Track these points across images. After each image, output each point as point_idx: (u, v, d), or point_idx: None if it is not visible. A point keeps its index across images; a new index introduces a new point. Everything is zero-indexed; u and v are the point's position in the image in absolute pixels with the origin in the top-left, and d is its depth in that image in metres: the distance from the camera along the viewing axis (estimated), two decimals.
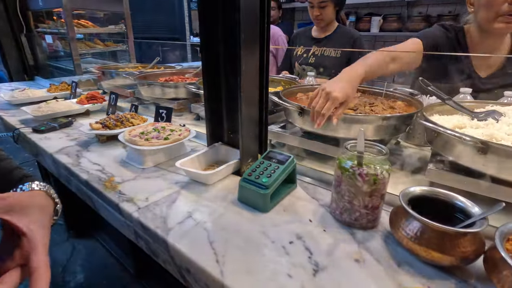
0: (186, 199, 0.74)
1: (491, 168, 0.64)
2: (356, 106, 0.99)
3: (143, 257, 1.57)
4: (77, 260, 2.00)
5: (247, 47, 0.74)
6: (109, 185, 0.80)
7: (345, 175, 0.61)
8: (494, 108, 0.87)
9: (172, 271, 0.62)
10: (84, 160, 0.95)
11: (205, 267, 0.53)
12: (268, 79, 0.84)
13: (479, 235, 0.51)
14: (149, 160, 0.92)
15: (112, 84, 1.83)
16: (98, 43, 2.20)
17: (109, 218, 0.79)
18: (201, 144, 1.10)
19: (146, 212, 0.68)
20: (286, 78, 1.50)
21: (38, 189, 0.53)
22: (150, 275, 1.66)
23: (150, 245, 0.66)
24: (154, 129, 1.01)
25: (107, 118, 1.12)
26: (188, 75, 1.71)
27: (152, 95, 1.50)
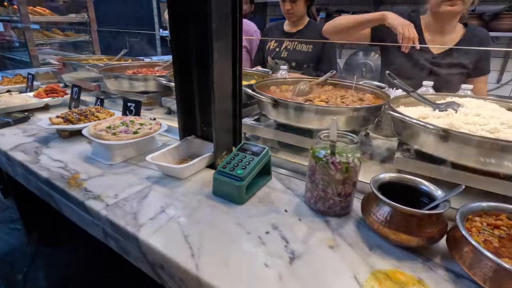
0: (159, 194, 0.71)
1: (452, 154, 0.69)
2: (328, 99, 1.01)
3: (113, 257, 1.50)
4: (38, 266, 1.86)
5: (219, 38, 0.72)
6: (74, 182, 0.75)
7: (318, 164, 0.62)
8: (453, 99, 0.93)
9: (145, 269, 0.60)
10: (44, 157, 0.88)
11: (179, 261, 0.51)
12: (242, 70, 0.82)
13: (443, 216, 0.55)
14: (117, 155, 0.87)
15: (75, 77, 1.71)
16: (57, 33, 2.03)
17: (74, 217, 0.74)
18: (173, 138, 1.07)
19: (115, 209, 0.64)
20: (259, 72, 1.49)
21: None
22: (121, 276, 1.59)
23: (120, 243, 0.63)
24: (122, 123, 0.96)
25: (70, 112, 1.04)
26: (158, 68, 1.65)
27: (120, 89, 1.42)
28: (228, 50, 0.77)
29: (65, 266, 1.85)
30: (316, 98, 1.01)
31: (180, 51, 0.82)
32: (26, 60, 1.96)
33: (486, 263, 0.43)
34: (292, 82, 1.26)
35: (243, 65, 0.84)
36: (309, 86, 1.12)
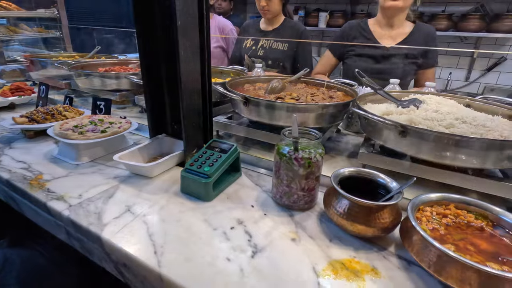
0: (125, 193, 0.71)
1: (411, 149, 0.72)
2: (299, 96, 1.03)
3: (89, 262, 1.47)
4: (10, 271, 1.79)
5: (185, 34, 0.72)
6: (36, 183, 0.73)
7: (283, 160, 0.63)
8: (416, 96, 0.97)
9: (109, 268, 0.60)
10: (6, 158, 0.85)
11: (141, 259, 0.51)
12: (210, 67, 0.83)
13: (396, 207, 0.57)
14: (84, 155, 0.85)
15: (44, 75, 1.64)
16: (25, 28, 1.95)
17: (37, 219, 0.72)
18: (145, 137, 1.05)
19: (78, 210, 0.63)
20: (234, 70, 1.50)
21: None
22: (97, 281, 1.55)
23: (84, 244, 0.62)
24: (90, 122, 0.94)
25: (35, 111, 1.01)
26: (131, 66, 1.62)
27: (91, 87, 1.38)
28: (195, 47, 0.77)
29: (37, 269, 1.79)
30: (287, 96, 1.03)
31: (148, 48, 0.81)
32: None
33: (430, 249, 0.46)
34: (266, 80, 1.27)
35: (220, 64, 0.85)
36: (281, 84, 1.14)
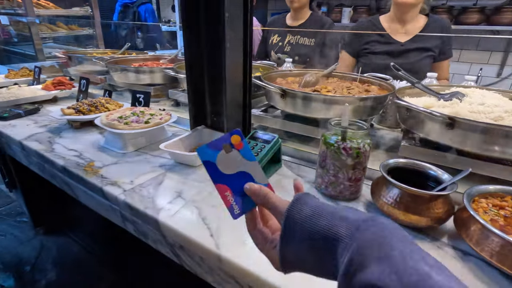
0: (173, 180, 0.73)
1: (457, 141, 0.71)
2: (335, 89, 1.03)
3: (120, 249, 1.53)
4: (47, 257, 1.89)
5: (232, 27, 0.74)
6: (90, 170, 0.77)
7: (330, 150, 0.64)
8: (458, 90, 0.95)
9: (164, 251, 0.62)
10: (58, 146, 0.90)
11: (200, 241, 0.53)
12: (252, 61, 0.84)
13: (450, 198, 0.57)
14: (129, 144, 0.89)
15: (80, 70, 1.72)
16: (61, 26, 2.04)
17: (91, 203, 0.76)
18: (182, 129, 1.09)
19: (133, 194, 0.67)
20: (264, 65, 1.51)
21: None
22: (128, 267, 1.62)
23: (139, 227, 0.65)
24: (132, 113, 0.98)
25: (80, 103, 1.06)
26: (162, 61, 1.66)
27: (126, 81, 1.44)
28: (239, 40, 0.79)
29: (72, 257, 1.88)
30: (323, 89, 1.03)
31: (192, 42, 0.83)
32: (30, 54, 1.97)
33: (493, 239, 0.46)
34: (297, 74, 1.28)
35: None
36: (315, 77, 1.14)
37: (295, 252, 0.32)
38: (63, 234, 2.02)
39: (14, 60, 2.07)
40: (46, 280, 1.73)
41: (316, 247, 0.30)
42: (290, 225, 0.32)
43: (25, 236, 2.05)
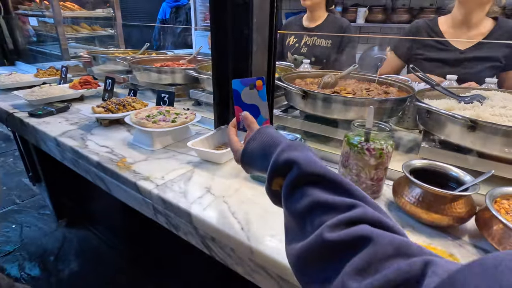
0: (201, 177, 0.78)
1: (478, 144, 0.72)
2: (354, 91, 1.05)
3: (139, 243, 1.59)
4: (69, 249, 1.98)
5: (258, 31, 0.77)
6: (122, 165, 0.82)
7: (353, 150, 0.67)
8: (478, 92, 0.96)
9: (194, 242, 0.67)
10: (91, 143, 0.95)
11: (231, 234, 0.57)
12: (275, 62, 0.87)
13: (471, 199, 0.59)
14: (157, 142, 0.94)
15: (103, 70, 1.79)
16: (85, 27, 2.12)
17: (123, 197, 0.81)
18: (204, 128, 1.13)
19: (165, 189, 0.71)
20: (282, 66, 1.54)
21: None
22: (146, 260, 1.68)
23: (171, 220, 0.69)
24: (159, 113, 1.02)
25: (109, 102, 1.11)
26: (182, 61, 1.71)
27: (148, 81, 1.49)
28: (265, 44, 0.82)
29: (92, 249, 1.96)
30: (342, 90, 1.05)
31: (219, 45, 0.87)
32: (56, 53, 2.05)
33: None
34: (316, 75, 1.30)
35: None
36: (334, 79, 1.16)
37: (252, 150, 0.50)
38: (84, 227, 2.11)
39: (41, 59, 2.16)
40: (69, 270, 1.82)
41: (264, 149, 0.47)
42: (256, 135, 0.51)
43: (49, 228, 2.14)
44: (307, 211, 0.37)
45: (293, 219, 0.39)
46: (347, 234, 0.31)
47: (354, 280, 0.27)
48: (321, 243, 0.32)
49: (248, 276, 0.58)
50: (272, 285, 0.54)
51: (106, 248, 1.96)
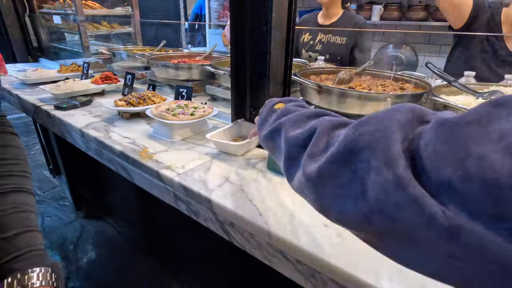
0: (219, 167, 0.81)
1: None
2: (369, 87, 1.06)
3: (154, 234, 1.64)
4: (87, 238, 2.06)
5: (277, 26, 0.79)
6: (145, 155, 0.86)
7: None
8: (497, 88, 0.95)
9: (214, 228, 0.70)
10: (114, 134, 1.00)
11: (250, 219, 0.60)
12: (292, 57, 0.89)
13: None
14: (177, 134, 0.98)
15: (122, 66, 1.85)
16: (104, 25, 2.19)
17: (145, 185, 0.85)
18: (220, 122, 1.16)
19: (186, 177, 0.74)
20: (296, 62, 1.55)
21: (40, 284, 0.40)
22: (161, 251, 1.73)
23: (191, 206, 0.73)
24: (178, 106, 1.06)
25: (130, 96, 1.16)
26: (198, 58, 1.75)
27: (166, 76, 1.53)
28: (283, 39, 0.84)
29: (108, 240, 2.03)
30: (357, 86, 1.06)
31: (238, 41, 0.89)
32: (77, 50, 2.13)
33: None
34: (331, 71, 1.31)
35: None
36: (349, 75, 1.17)
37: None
38: (101, 218, 2.18)
39: (63, 56, 2.25)
40: (87, 258, 1.89)
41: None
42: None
43: (68, 219, 2.23)
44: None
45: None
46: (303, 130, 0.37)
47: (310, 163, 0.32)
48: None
49: (266, 260, 0.61)
50: (289, 268, 0.56)
51: (122, 238, 2.02)
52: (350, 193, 0.26)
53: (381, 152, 0.22)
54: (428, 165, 0.20)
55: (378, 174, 0.22)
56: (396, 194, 0.21)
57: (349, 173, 0.26)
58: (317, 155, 0.31)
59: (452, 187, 0.18)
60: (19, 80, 1.59)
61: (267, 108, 0.52)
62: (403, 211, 0.21)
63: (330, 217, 0.30)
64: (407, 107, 0.25)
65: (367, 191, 0.24)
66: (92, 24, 2.11)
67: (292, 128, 0.39)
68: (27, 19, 2.24)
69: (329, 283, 0.51)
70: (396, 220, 0.21)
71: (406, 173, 0.21)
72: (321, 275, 0.52)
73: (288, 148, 0.38)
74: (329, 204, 0.29)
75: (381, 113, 0.26)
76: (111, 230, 2.11)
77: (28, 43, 2.27)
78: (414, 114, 0.24)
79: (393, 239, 0.23)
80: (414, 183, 0.20)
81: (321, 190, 0.29)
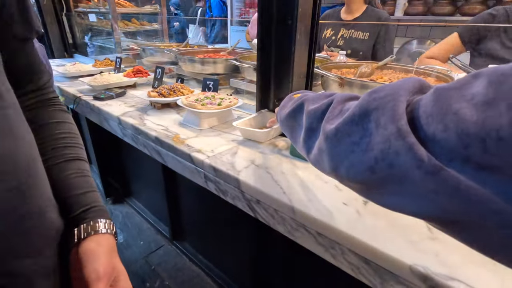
0: (245, 152, 0.87)
1: None
2: (391, 79, 1.08)
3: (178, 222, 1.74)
4: (115, 223, 2.19)
5: (302, 18, 0.84)
6: (177, 140, 0.93)
7: None
8: None
9: (240, 205, 0.76)
10: (148, 122, 1.09)
11: (275, 196, 0.66)
12: (316, 50, 0.94)
13: None
14: (205, 122, 1.05)
15: (151, 61, 1.95)
16: (135, 22, 2.31)
17: (177, 167, 0.93)
18: (245, 112, 1.22)
19: (215, 160, 0.81)
20: (318, 57, 1.59)
21: (106, 231, 0.47)
22: (183, 238, 1.83)
23: (220, 186, 0.80)
24: (205, 97, 1.13)
25: (162, 88, 1.25)
26: (223, 53, 1.82)
27: (192, 70, 1.62)
28: (307, 33, 0.89)
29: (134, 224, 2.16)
30: (379, 79, 1.09)
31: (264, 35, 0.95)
32: (109, 47, 2.27)
33: None
34: (352, 65, 1.34)
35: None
36: (370, 68, 1.20)
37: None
38: (128, 205, 2.32)
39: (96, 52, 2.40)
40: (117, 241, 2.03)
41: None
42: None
43: None
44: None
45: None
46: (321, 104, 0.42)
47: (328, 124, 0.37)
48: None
49: (289, 234, 0.66)
50: (310, 240, 0.62)
51: (147, 225, 2.15)
52: (359, 148, 0.31)
53: (389, 111, 0.28)
54: (421, 121, 0.25)
55: (384, 128, 0.28)
56: (397, 143, 0.26)
57: (361, 130, 0.31)
58: (334, 118, 0.37)
59: (436, 137, 0.23)
60: (60, 74, 1.73)
61: (287, 97, 0.60)
62: (400, 157, 0.26)
63: (340, 172, 0.35)
64: (416, 79, 0.30)
65: (373, 144, 0.29)
66: (123, 21, 2.24)
67: (312, 103, 0.44)
68: (64, 17, 2.41)
69: (348, 253, 0.56)
70: (394, 165, 0.27)
71: (406, 126, 0.26)
72: (340, 246, 0.57)
73: (308, 120, 0.43)
74: (341, 160, 0.34)
75: (393, 83, 0.31)
76: (137, 216, 2.24)
77: (64, 39, 2.44)
78: (420, 84, 0.30)
79: (390, 185, 0.29)
80: (411, 134, 0.25)
81: (336, 148, 0.34)
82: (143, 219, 2.20)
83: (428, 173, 0.24)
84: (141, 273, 1.75)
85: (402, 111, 0.27)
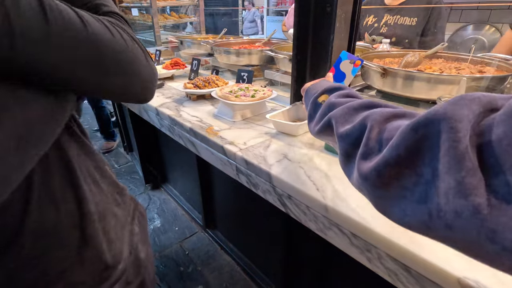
0: (278, 145, 0.85)
1: None
2: (442, 69, 0.98)
3: (211, 210, 1.79)
4: (153, 208, 2.32)
5: (342, 7, 0.79)
6: (211, 132, 0.94)
7: None
8: None
9: (271, 200, 0.75)
10: (183, 113, 1.11)
11: (308, 192, 0.63)
12: (356, 39, 0.88)
13: None
14: (238, 114, 1.04)
15: (188, 53, 1.99)
16: (174, 15, 2.38)
17: (210, 158, 0.94)
18: (279, 105, 1.20)
19: (247, 152, 0.80)
20: (359, 46, 1.50)
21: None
22: (216, 226, 1.87)
23: (251, 179, 0.79)
24: (239, 89, 1.13)
25: (197, 80, 1.27)
26: (258, 44, 1.80)
27: (227, 62, 1.62)
28: (347, 20, 0.83)
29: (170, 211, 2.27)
30: (427, 69, 0.99)
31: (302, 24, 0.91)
32: (149, 40, 2.35)
33: None
34: (396, 55, 1.24)
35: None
36: (418, 57, 1.10)
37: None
38: (165, 191, 2.44)
39: None
40: (154, 225, 2.15)
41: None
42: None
43: (138, 190, 2.54)
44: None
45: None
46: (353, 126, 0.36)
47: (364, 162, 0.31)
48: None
49: (321, 233, 0.64)
50: (344, 241, 0.59)
51: (182, 212, 2.24)
52: (413, 197, 0.24)
53: (447, 153, 0.21)
54: (495, 151, 0.19)
55: (442, 180, 0.21)
56: (456, 201, 0.20)
57: (414, 176, 0.24)
58: (372, 154, 0.30)
59: None
60: None
61: (310, 101, 0.52)
62: (461, 220, 0.20)
63: (390, 217, 0.29)
64: (470, 98, 0.22)
65: (428, 196, 0.23)
66: (163, 15, 2.30)
67: (341, 123, 0.38)
68: None
69: (385, 257, 0.52)
70: (454, 227, 0.21)
71: (470, 178, 0.19)
72: (377, 250, 0.53)
73: (342, 145, 0.37)
74: (390, 205, 0.28)
75: (442, 110, 0.23)
76: (173, 203, 2.34)
77: None
78: (481, 104, 0.22)
79: (449, 243, 0.24)
80: (477, 189, 0.19)
81: (378, 190, 0.28)
82: (178, 205, 2.30)
83: (506, 250, 0.18)
84: (176, 257, 1.84)
85: (466, 150, 0.20)
